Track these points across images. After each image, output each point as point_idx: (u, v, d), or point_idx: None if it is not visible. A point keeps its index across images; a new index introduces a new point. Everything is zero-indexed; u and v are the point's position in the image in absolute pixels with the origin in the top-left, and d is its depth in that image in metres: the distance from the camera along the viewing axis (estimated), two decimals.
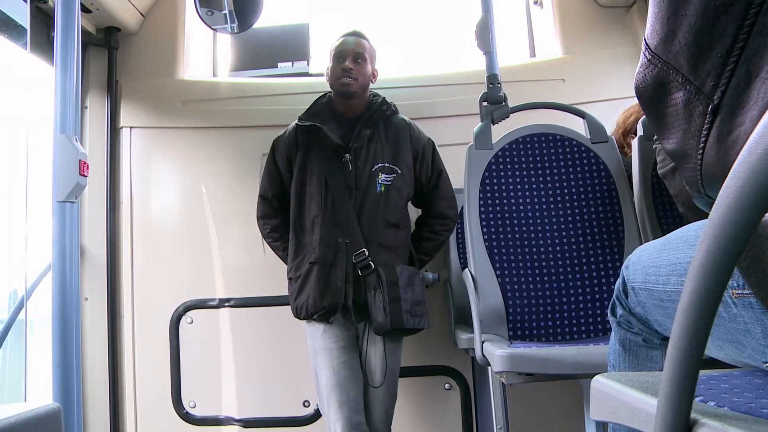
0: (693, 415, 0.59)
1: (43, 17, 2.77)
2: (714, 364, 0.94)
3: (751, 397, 0.68)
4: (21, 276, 2.50)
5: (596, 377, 0.87)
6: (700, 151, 0.73)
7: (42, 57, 2.76)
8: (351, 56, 2.50)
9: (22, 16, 2.47)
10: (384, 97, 2.60)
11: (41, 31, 2.77)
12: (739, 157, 0.47)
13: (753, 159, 0.45)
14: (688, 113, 0.73)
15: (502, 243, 2.29)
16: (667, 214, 2.25)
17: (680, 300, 0.55)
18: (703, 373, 0.57)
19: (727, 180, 0.48)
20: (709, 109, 0.69)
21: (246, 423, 2.99)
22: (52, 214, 1.88)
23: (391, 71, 3.30)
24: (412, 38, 3.83)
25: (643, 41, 0.78)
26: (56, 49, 1.91)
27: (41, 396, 2.60)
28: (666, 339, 1.16)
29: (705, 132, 0.71)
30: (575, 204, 2.34)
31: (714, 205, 0.49)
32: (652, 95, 0.79)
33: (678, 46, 0.71)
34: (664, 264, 1.00)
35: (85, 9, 2.86)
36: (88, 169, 1.90)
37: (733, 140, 0.67)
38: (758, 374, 0.84)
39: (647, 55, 0.77)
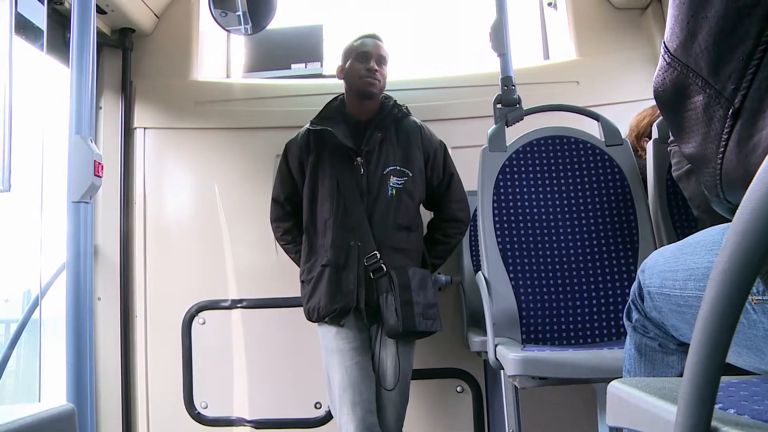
0: (713, 423, 0.58)
1: (59, 18, 2.79)
2: (731, 370, 0.92)
3: None
4: (34, 276, 2.52)
5: (613, 383, 0.86)
6: (720, 155, 0.72)
7: (58, 58, 2.77)
8: (375, 58, 2.49)
9: (39, 17, 2.48)
10: (395, 100, 2.60)
11: (57, 33, 2.79)
12: (764, 162, 0.46)
13: None
14: (707, 117, 0.72)
15: (516, 246, 2.28)
16: (682, 218, 2.23)
17: (701, 306, 0.54)
18: (722, 380, 0.56)
19: (751, 185, 0.47)
20: (730, 113, 0.69)
21: (257, 424, 3.00)
22: (66, 215, 1.89)
23: (405, 73, 3.30)
24: (426, 40, 3.83)
25: (663, 44, 0.78)
26: (72, 50, 1.92)
27: (54, 395, 2.61)
28: (682, 344, 1.15)
29: (725, 136, 0.70)
30: (589, 207, 2.33)
31: (738, 211, 0.49)
32: (672, 99, 0.78)
33: (698, 49, 0.70)
34: (682, 269, 0.99)
35: (100, 10, 2.88)
36: (102, 169, 1.91)
37: (754, 144, 0.66)
38: None
39: (666, 58, 0.77)
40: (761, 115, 0.65)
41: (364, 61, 2.49)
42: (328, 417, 2.97)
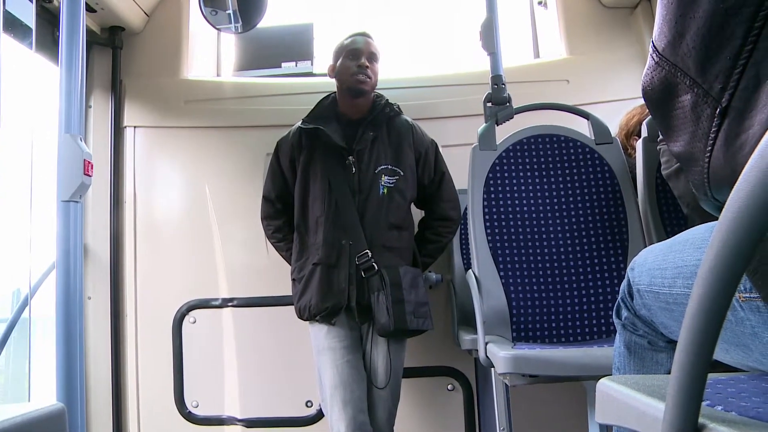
0: (701, 419, 0.58)
1: (48, 17, 2.77)
2: (718, 366, 0.93)
3: (758, 402, 0.68)
4: (23, 275, 2.50)
5: (602, 380, 0.86)
6: (708, 153, 0.73)
7: (47, 56, 2.76)
8: (366, 55, 2.49)
9: (28, 15, 2.47)
10: (387, 99, 2.60)
11: (46, 31, 2.78)
12: (750, 160, 0.47)
13: (764, 163, 0.45)
14: (695, 116, 0.73)
15: (506, 244, 2.28)
16: (671, 216, 2.25)
17: (689, 304, 0.55)
18: (710, 377, 0.57)
19: (737, 184, 0.48)
20: (717, 111, 0.69)
21: (248, 423, 3.00)
22: (56, 214, 1.88)
23: (396, 71, 3.30)
24: (416, 38, 3.83)
25: (651, 43, 0.78)
26: (61, 48, 1.91)
27: (43, 395, 2.60)
28: (671, 342, 1.16)
29: (713, 135, 0.71)
30: (579, 205, 2.34)
31: (724, 209, 0.49)
32: (660, 97, 0.79)
33: (686, 49, 0.71)
34: (670, 266, 1.00)
35: (89, 8, 2.87)
36: (92, 168, 1.90)
37: (741, 143, 0.67)
38: (765, 378, 0.83)
39: (655, 57, 0.77)
40: (748, 114, 0.65)
41: (354, 58, 2.49)
42: (319, 415, 2.97)
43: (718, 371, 0.87)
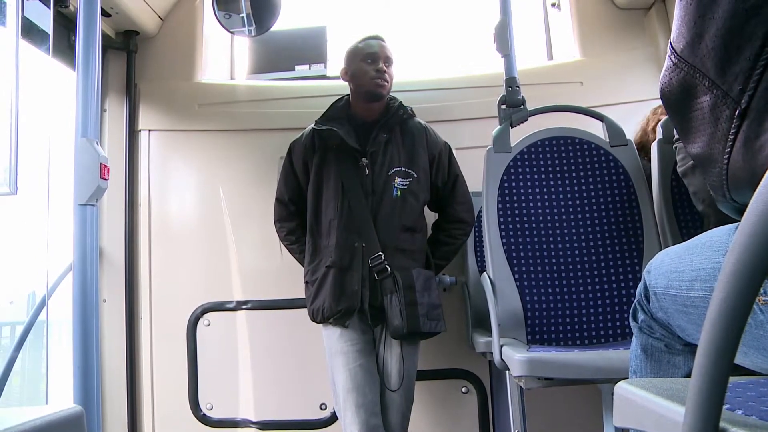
0: (721, 423, 0.58)
1: (64, 22, 2.79)
2: (737, 370, 0.92)
3: None
4: (40, 278, 2.52)
5: (620, 383, 0.86)
6: (726, 155, 0.72)
7: (63, 61, 2.78)
8: (382, 59, 2.49)
9: (45, 21, 2.49)
10: (401, 101, 2.59)
11: (62, 36, 2.80)
12: None
13: None
14: (714, 117, 0.73)
15: (521, 247, 2.28)
16: (687, 218, 2.23)
17: (709, 308, 0.54)
18: (729, 381, 0.56)
19: (760, 187, 0.47)
20: (736, 113, 0.69)
21: (263, 425, 3.00)
22: (73, 217, 1.90)
23: (409, 74, 3.30)
24: (430, 41, 3.83)
25: (669, 44, 0.78)
26: (78, 53, 1.92)
27: (58, 397, 2.62)
28: (688, 345, 1.15)
29: (731, 136, 0.71)
30: (594, 207, 2.33)
31: (746, 213, 0.49)
32: (678, 99, 0.79)
33: (705, 50, 0.70)
34: (688, 269, 0.99)
35: (104, 13, 2.88)
36: (108, 172, 1.92)
37: (760, 145, 0.66)
38: None
39: (673, 58, 0.77)
40: None
41: (372, 62, 2.48)
42: (333, 418, 2.96)
43: (736, 374, 0.87)
